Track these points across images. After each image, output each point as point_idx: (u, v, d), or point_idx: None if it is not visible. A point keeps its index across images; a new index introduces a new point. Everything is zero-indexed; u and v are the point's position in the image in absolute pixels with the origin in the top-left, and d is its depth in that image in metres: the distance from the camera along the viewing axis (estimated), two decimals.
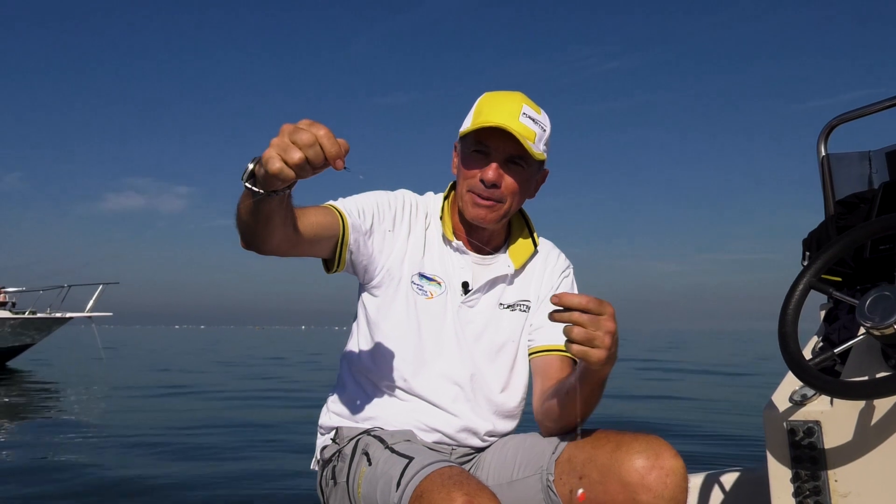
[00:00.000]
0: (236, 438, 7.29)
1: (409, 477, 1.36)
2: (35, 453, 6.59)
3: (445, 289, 1.67)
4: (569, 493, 1.48)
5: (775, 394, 1.68)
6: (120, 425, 8.42)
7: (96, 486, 5.11)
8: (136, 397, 11.99)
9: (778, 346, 1.53)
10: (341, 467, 1.59)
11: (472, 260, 1.70)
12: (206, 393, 12.62)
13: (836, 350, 1.48)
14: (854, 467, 1.51)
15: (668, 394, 12.00)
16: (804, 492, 1.57)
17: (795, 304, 1.56)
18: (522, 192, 1.64)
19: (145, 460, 6.17)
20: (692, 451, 5.82)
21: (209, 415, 9.52)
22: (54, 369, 19.07)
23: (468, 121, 1.62)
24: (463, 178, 1.63)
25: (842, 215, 1.94)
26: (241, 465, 5.85)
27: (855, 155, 2.12)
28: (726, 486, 2.24)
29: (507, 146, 1.57)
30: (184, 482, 5.25)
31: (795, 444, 1.58)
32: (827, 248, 1.60)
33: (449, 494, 1.25)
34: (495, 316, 1.69)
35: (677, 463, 1.42)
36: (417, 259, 1.67)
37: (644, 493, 1.39)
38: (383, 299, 1.67)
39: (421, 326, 1.65)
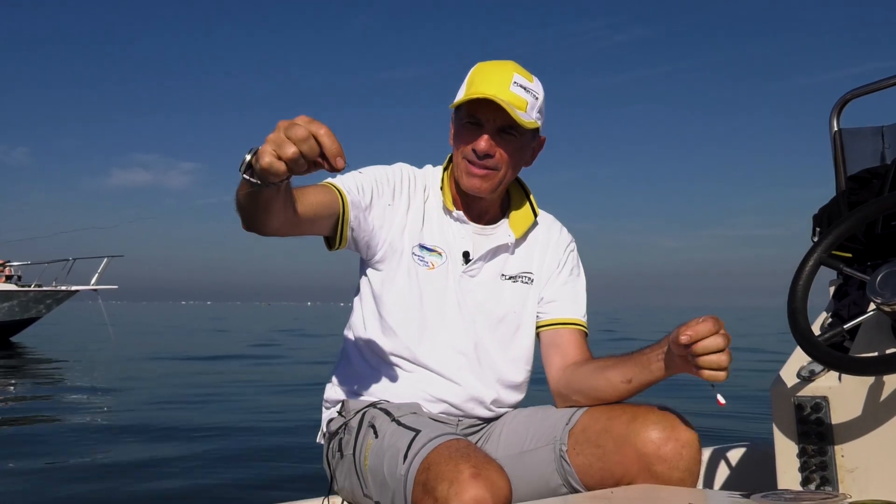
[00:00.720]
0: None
1: (417, 449, 1.37)
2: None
3: (446, 259, 1.67)
4: (583, 462, 1.49)
5: (783, 369, 1.68)
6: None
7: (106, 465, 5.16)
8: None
9: (787, 321, 1.52)
10: (348, 440, 1.60)
11: (472, 230, 1.70)
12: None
13: (846, 326, 1.47)
14: (861, 443, 1.51)
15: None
16: (810, 466, 1.57)
17: (805, 280, 1.55)
18: (516, 161, 1.65)
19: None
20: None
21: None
22: (61, 347, 19.15)
23: (460, 92, 1.62)
24: (457, 148, 1.64)
25: (854, 191, 1.92)
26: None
27: (868, 130, 2.09)
28: (734, 460, 2.25)
29: (498, 117, 1.57)
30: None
31: (803, 420, 1.58)
32: (838, 223, 1.58)
33: (456, 466, 1.26)
34: (497, 287, 1.69)
35: (692, 435, 1.44)
36: (417, 230, 1.67)
37: (660, 463, 1.41)
38: (386, 273, 1.67)
39: (423, 297, 1.65)
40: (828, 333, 1.48)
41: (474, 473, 1.24)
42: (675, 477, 1.41)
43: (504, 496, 1.25)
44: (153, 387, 9.85)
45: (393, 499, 1.41)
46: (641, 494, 1.34)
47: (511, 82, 1.57)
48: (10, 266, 21.52)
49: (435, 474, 1.28)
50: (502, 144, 1.59)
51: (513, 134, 1.60)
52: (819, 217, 1.97)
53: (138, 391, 9.41)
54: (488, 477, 1.24)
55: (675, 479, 1.41)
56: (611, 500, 1.27)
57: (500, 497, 1.24)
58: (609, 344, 18.09)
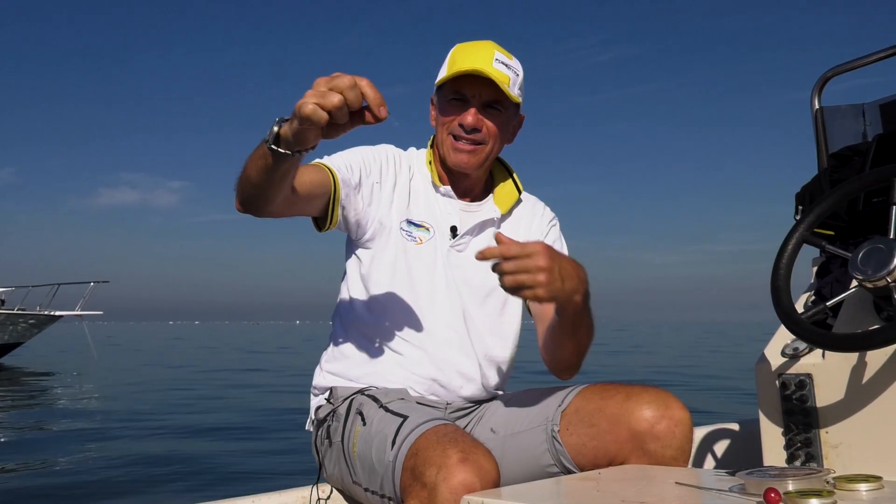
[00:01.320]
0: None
1: (404, 435, 1.37)
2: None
3: (434, 233, 1.68)
4: (576, 442, 1.50)
5: (767, 348, 1.69)
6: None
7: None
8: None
9: (770, 299, 1.53)
10: (336, 427, 1.60)
11: (459, 206, 1.71)
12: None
13: (829, 303, 1.48)
14: (845, 419, 1.52)
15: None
16: (795, 444, 1.58)
17: (788, 258, 1.55)
18: (502, 135, 1.67)
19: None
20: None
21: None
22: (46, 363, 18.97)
23: (443, 70, 1.64)
24: (441, 124, 1.65)
25: (835, 168, 1.93)
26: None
27: (848, 108, 2.10)
28: (720, 440, 2.27)
29: (484, 91, 1.59)
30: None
31: (787, 398, 1.60)
32: (820, 201, 1.59)
33: (444, 452, 1.26)
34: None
35: (685, 414, 1.46)
36: (404, 206, 1.68)
37: (653, 441, 1.43)
38: (375, 250, 1.67)
39: (412, 272, 1.65)
40: (811, 311, 1.49)
41: (462, 458, 1.24)
42: (668, 455, 1.43)
43: (492, 480, 1.25)
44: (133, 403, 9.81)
45: (381, 485, 1.41)
46: (629, 474, 1.35)
47: (493, 59, 1.59)
48: None
49: (423, 459, 1.28)
50: (488, 118, 1.61)
51: (498, 108, 1.62)
52: (801, 195, 1.98)
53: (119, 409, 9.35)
54: (476, 461, 1.25)
55: (668, 457, 1.43)
56: (599, 480, 1.28)
57: (488, 481, 1.25)
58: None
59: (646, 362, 16.15)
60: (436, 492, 1.23)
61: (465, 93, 1.60)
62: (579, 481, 1.34)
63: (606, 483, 1.26)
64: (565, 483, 1.37)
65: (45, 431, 7.50)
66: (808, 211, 1.58)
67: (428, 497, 1.24)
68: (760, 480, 1.07)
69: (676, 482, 1.21)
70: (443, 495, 1.22)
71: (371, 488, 1.46)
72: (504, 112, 1.64)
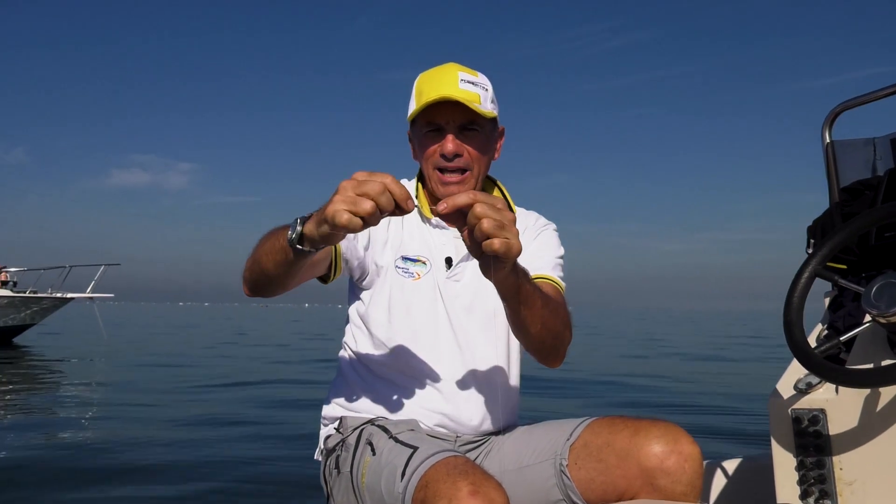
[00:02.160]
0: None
1: (414, 467, 1.36)
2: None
3: (431, 267, 1.67)
4: (585, 477, 1.49)
5: (780, 382, 1.68)
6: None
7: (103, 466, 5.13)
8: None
9: (783, 333, 1.52)
10: (345, 457, 1.59)
11: (452, 234, 1.70)
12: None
13: (842, 338, 1.48)
14: (859, 455, 1.51)
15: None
16: (809, 479, 1.56)
17: (801, 292, 1.55)
18: (485, 155, 1.65)
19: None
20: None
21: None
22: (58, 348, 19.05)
23: (412, 104, 1.62)
24: (424, 159, 1.64)
25: (846, 202, 1.93)
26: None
27: (859, 141, 2.10)
28: (732, 473, 2.24)
29: (457, 115, 1.57)
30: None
31: (800, 432, 1.58)
32: (832, 235, 1.59)
33: (454, 484, 1.25)
34: (482, 285, 1.67)
35: (695, 449, 1.45)
36: (398, 244, 1.68)
37: (663, 477, 1.41)
38: (373, 291, 1.68)
39: (411, 308, 1.65)
40: (824, 346, 1.48)
41: (472, 491, 1.23)
42: (678, 491, 1.41)
43: None
44: (143, 392, 9.83)
45: None
46: None
47: (458, 80, 1.57)
48: (5, 272, 21.46)
49: (433, 492, 1.28)
50: (468, 142, 1.60)
51: (475, 129, 1.60)
52: (813, 229, 1.98)
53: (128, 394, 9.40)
54: (486, 494, 1.24)
55: (678, 493, 1.41)
56: None
57: None
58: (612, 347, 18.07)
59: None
60: None
61: (439, 121, 1.59)
62: None
63: None
64: None
65: (52, 414, 7.54)
66: (821, 245, 1.58)
67: None
68: None
69: None
70: None
71: None
72: (481, 131, 1.62)
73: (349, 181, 1.14)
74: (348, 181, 1.14)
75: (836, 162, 2.04)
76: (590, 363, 14.31)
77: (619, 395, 9.60)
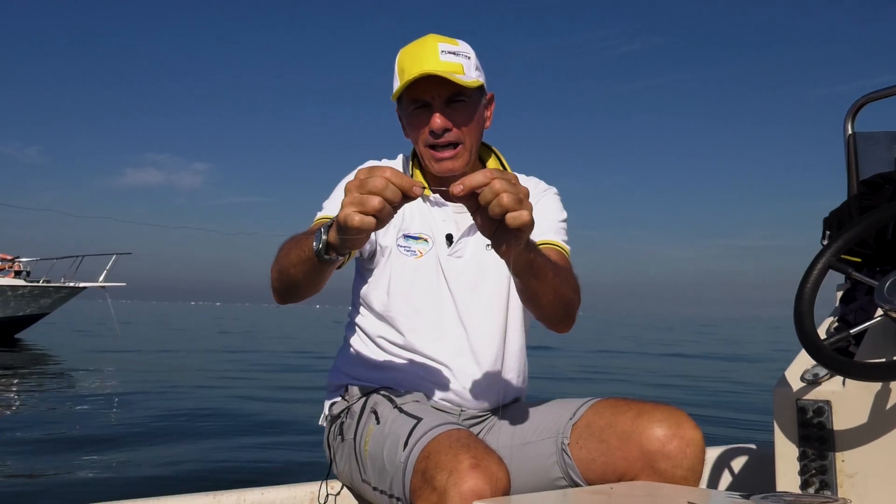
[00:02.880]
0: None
1: (417, 437, 1.37)
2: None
3: (433, 244, 1.66)
4: (585, 457, 1.49)
5: (787, 371, 1.68)
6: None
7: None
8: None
9: (793, 324, 1.52)
10: (349, 424, 1.60)
11: (451, 210, 1.68)
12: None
13: (852, 331, 1.47)
14: (862, 449, 1.51)
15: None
16: (810, 470, 1.57)
17: (813, 283, 1.54)
18: (475, 125, 1.61)
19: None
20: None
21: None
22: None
23: (395, 82, 1.59)
24: (415, 137, 1.62)
25: (865, 195, 1.91)
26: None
27: (882, 135, 2.07)
28: (732, 461, 2.25)
29: (441, 89, 1.54)
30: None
31: (805, 423, 1.58)
32: (848, 227, 1.58)
33: (456, 456, 1.26)
34: (484, 259, 1.67)
35: (697, 434, 1.44)
36: (398, 223, 1.66)
37: (664, 461, 1.41)
38: (378, 270, 1.68)
39: (414, 287, 1.65)
40: (834, 338, 1.48)
41: (473, 464, 1.24)
42: (679, 475, 1.41)
43: (503, 487, 1.25)
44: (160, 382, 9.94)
45: (391, 485, 1.41)
46: (641, 491, 1.33)
47: (439, 52, 1.54)
48: (19, 262, 21.68)
49: (434, 463, 1.28)
50: (456, 115, 1.57)
51: (462, 100, 1.57)
52: (829, 221, 1.96)
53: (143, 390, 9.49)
54: (487, 468, 1.25)
55: (679, 477, 1.41)
56: (610, 495, 1.27)
57: (499, 488, 1.24)
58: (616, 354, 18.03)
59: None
60: (446, 496, 1.23)
61: (424, 97, 1.56)
62: (590, 495, 1.34)
63: (618, 498, 1.25)
64: (576, 495, 1.36)
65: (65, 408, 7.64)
66: (836, 237, 1.57)
67: (437, 501, 1.24)
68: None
69: (689, 502, 1.20)
70: (453, 500, 1.22)
71: (380, 488, 1.46)
72: (469, 101, 1.58)
73: (353, 182, 1.14)
74: (352, 182, 1.14)
75: (856, 154, 2.02)
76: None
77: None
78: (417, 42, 1.59)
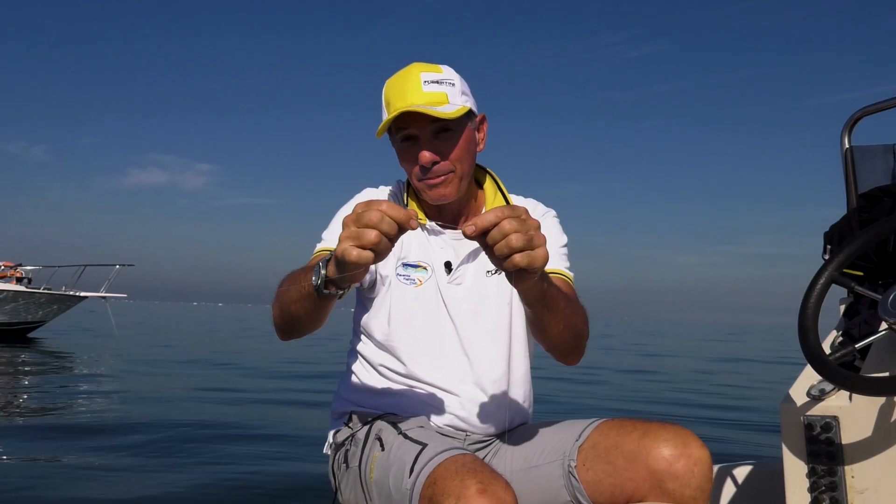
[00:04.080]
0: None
1: (423, 463, 1.36)
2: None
3: (432, 272, 1.66)
4: (593, 479, 1.48)
5: (793, 388, 1.67)
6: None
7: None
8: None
9: (797, 339, 1.51)
10: (354, 452, 1.59)
11: (449, 237, 1.68)
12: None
13: (857, 345, 1.46)
14: (872, 463, 1.49)
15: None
16: (820, 487, 1.55)
17: (816, 298, 1.54)
18: (466, 153, 1.61)
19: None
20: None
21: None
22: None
23: (383, 114, 1.58)
24: (407, 169, 1.62)
25: (864, 209, 1.91)
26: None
27: (879, 148, 2.08)
28: (743, 478, 2.23)
29: (426, 122, 1.54)
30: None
31: (812, 439, 1.57)
32: (849, 241, 1.58)
33: (462, 482, 1.25)
34: (484, 286, 1.67)
35: (704, 453, 1.43)
36: (397, 252, 1.66)
37: (671, 481, 1.40)
38: (378, 300, 1.67)
39: (415, 315, 1.64)
40: (839, 352, 1.47)
41: (481, 489, 1.23)
42: (687, 495, 1.40)
43: None
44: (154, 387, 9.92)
45: None
46: None
47: (421, 83, 1.54)
48: (21, 269, 21.74)
49: (441, 489, 1.27)
50: (444, 146, 1.56)
51: (449, 130, 1.56)
52: (830, 235, 1.96)
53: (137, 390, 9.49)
54: (495, 493, 1.24)
55: (687, 497, 1.40)
56: None
57: None
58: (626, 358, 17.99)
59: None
60: None
61: (411, 131, 1.55)
62: None
63: None
64: None
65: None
66: (838, 251, 1.57)
67: None
68: None
69: None
70: None
71: None
72: (457, 129, 1.57)
73: (350, 216, 1.15)
74: (349, 216, 1.15)
75: (854, 167, 2.02)
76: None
77: None
78: (401, 73, 1.59)
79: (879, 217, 1.82)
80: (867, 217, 1.88)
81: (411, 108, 1.51)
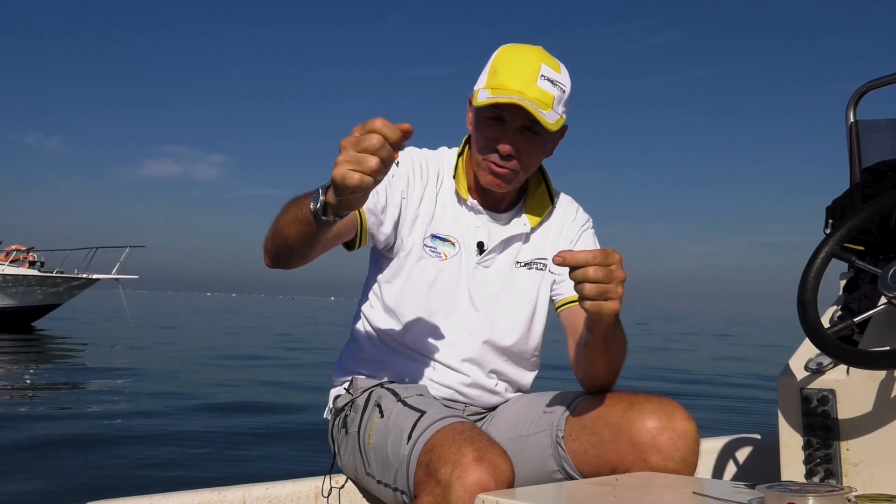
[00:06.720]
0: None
1: (421, 430, 1.37)
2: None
3: (460, 249, 1.63)
4: (578, 449, 1.48)
5: (791, 360, 1.67)
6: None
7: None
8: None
9: (797, 313, 1.51)
10: (353, 417, 1.60)
11: (487, 219, 1.66)
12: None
13: (856, 319, 1.46)
14: (867, 437, 1.50)
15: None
16: (815, 459, 1.56)
17: (816, 272, 1.54)
18: (539, 157, 1.60)
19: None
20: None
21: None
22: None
23: (483, 80, 1.54)
24: (477, 140, 1.57)
25: (868, 183, 1.90)
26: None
27: (885, 122, 2.06)
28: (737, 451, 2.25)
29: (523, 115, 1.50)
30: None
31: (809, 412, 1.58)
32: (852, 216, 1.57)
33: (460, 449, 1.26)
34: (511, 275, 1.66)
35: (689, 425, 1.41)
36: (429, 220, 1.63)
37: (654, 454, 1.39)
38: (396, 263, 1.64)
39: (433, 288, 1.62)
40: (837, 326, 1.47)
41: (477, 457, 1.24)
42: (671, 468, 1.38)
43: (507, 480, 1.25)
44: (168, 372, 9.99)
45: (395, 478, 1.41)
46: (646, 482, 1.33)
47: (538, 76, 1.49)
48: (33, 252, 21.91)
49: (438, 456, 1.28)
50: (525, 143, 1.53)
51: (536, 132, 1.53)
52: (832, 209, 1.95)
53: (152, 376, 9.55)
54: (491, 461, 1.25)
55: (671, 469, 1.38)
56: (616, 486, 1.27)
57: (503, 481, 1.24)
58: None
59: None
60: (450, 489, 1.22)
61: (505, 115, 1.51)
62: (595, 486, 1.33)
63: (623, 489, 1.25)
64: (581, 487, 1.36)
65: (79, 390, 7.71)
66: (839, 225, 1.56)
67: (442, 494, 1.24)
68: (781, 495, 1.06)
69: (694, 492, 1.20)
70: (457, 493, 1.21)
71: (384, 481, 1.46)
72: (543, 136, 1.54)
73: (348, 139, 1.12)
74: (347, 139, 1.12)
75: (859, 142, 2.01)
76: None
77: None
78: (522, 52, 1.54)
79: (883, 191, 1.82)
80: (870, 192, 1.87)
81: (520, 101, 1.46)
